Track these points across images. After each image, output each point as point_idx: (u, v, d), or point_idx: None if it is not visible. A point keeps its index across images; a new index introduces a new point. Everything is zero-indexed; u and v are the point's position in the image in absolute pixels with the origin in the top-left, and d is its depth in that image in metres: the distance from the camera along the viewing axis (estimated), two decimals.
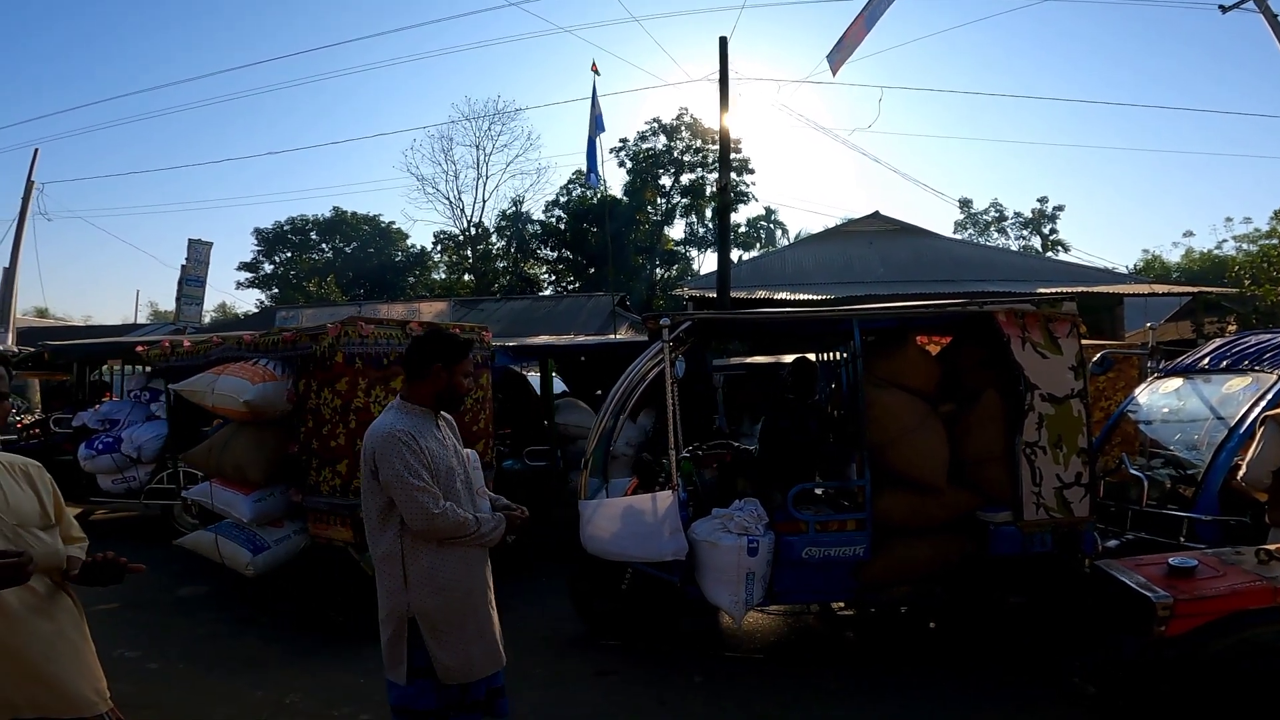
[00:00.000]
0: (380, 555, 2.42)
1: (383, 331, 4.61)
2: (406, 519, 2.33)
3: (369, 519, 2.44)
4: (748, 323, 5.81)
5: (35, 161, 17.01)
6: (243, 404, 4.45)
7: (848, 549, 4.09)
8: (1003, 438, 4.12)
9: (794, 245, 26.10)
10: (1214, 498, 4.15)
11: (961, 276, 17.93)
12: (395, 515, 2.36)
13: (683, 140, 31.44)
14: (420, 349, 2.50)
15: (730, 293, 13.18)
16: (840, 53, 9.97)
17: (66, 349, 8.67)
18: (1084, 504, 4.09)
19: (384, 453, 2.32)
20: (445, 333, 2.71)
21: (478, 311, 19.52)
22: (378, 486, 2.35)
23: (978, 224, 38.01)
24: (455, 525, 2.36)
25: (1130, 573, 2.83)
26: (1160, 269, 35.61)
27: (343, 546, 4.48)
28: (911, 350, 4.41)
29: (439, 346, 2.49)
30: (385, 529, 2.39)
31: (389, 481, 2.31)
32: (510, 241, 33.53)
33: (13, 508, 1.77)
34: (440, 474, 2.39)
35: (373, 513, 2.41)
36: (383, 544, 2.40)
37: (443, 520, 2.33)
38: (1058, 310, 4.18)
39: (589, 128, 12.37)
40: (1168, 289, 18.01)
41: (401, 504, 2.32)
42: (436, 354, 2.47)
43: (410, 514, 2.32)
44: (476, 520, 2.42)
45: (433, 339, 2.52)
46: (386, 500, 2.35)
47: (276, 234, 37.99)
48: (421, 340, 2.54)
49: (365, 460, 2.39)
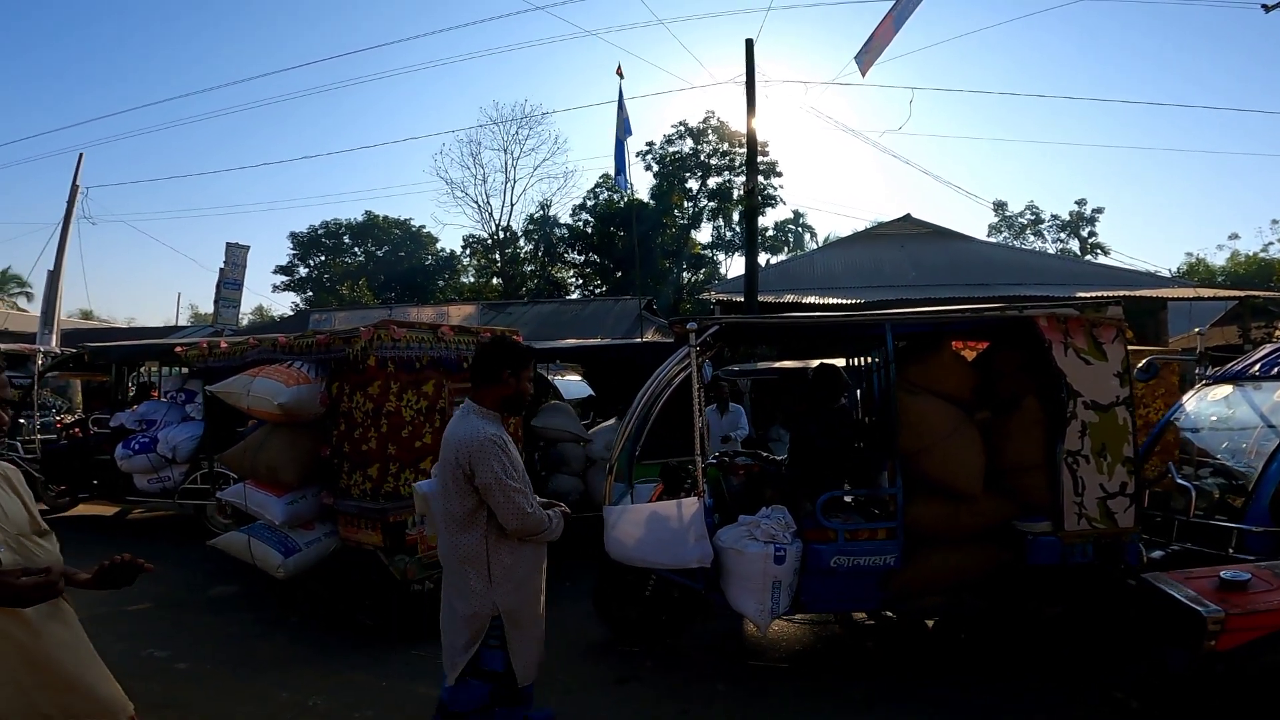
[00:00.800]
0: (463, 556, 2.53)
1: (414, 335, 4.64)
2: (502, 518, 2.47)
3: (452, 521, 2.55)
4: (776, 326, 5.74)
5: (80, 166, 17.49)
6: (277, 406, 4.51)
7: (878, 558, 4.00)
8: (1042, 446, 4.00)
9: (823, 248, 25.86)
10: (1265, 509, 3.98)
11: (996, 280, 17.53)
12: (481, 516, 2.50)
13: (709, 143, 31.38)
14: (490, 355, 2.66)
15: (758, 296, 13.08)
16: (869, 53, 9.83)
17: (105, 350, 8.90)
18: (1128, 514, 3.95)
19: (482, 456, 2.44)
20: (511, 340, 2.94)
21: (505, 315, 19.64)
22: (469, 489, 2.47)
23: (1013, 227, 37.37)
24: (538, 523, 2.53)
25: (1179, 585, 2.72)
26: (1205, 272, 34.59)
27: (372, 550, 4.50)
28: (946, 355, 4.31)
29: (507, 353, 2.67)
30: (471, 530, 2.52)
31: (488, 484, 2.44)
32: (538, 245, 33.74)
33: (11, 518, 1.76)
34: (520, 475, 2.55)
35: (459, 514, 2.52)
36: (466, 545, 2.52)
37: (532, 519, 2.50)
38: (1103, 315, 4.04)
39: (616, 130, 12.37)
40: (1213, 293, 17.44)
41: (500, 504, 2.45)
42: (505, 360, 2.64)
43: (507, 514, 2.46)
44: (549, 518, 2.59)
45: (501, 346, 2.71)
46: (476, 502, 2.49)
47: (311, 238, 38.72)
48: (490, 347, 2.71)
49: (455, 464, 2.50)
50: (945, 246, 19.54)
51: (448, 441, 2.55)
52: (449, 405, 4.80)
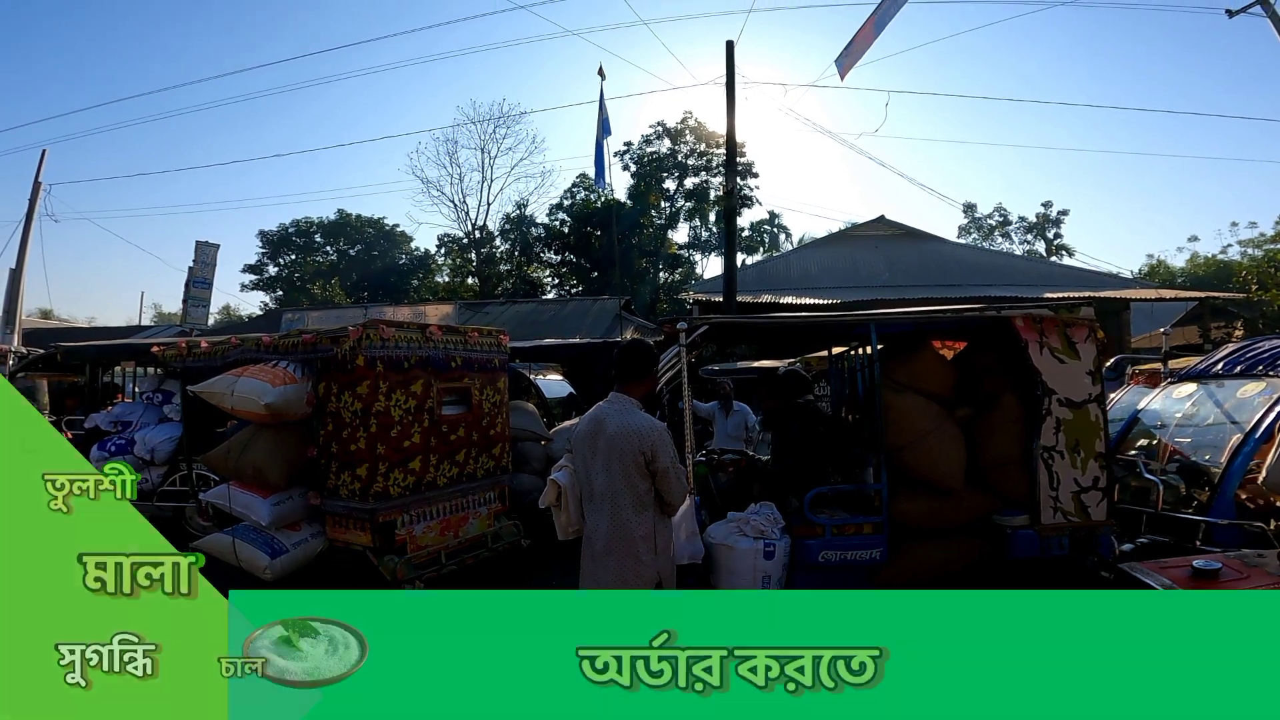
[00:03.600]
0: (640, 535, 2.89)
1: (403, 335, 4.64)
2: (676, 497, 2.94)
3: (628, 504, 2.89)
4: (762, 327, 5.83)
5: (43, 163, 17.06)
6: (263, 406, 4.47)
7: (864, 552, 4.10)
8: (1020, 442, 4.14)
9: (799, 249, 26.14)
10: (1229, 502, 4.17)
11: (967, 281, 17.94)
12: (652, 497, 2.91)
13: (687, 144, 31.51)
14: (642, 356, 3.07)
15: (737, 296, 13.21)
16: (849, 57, 10.01)
17: (80, 350, 8.68)
18: (1101, 508, 4.10)
19: (663, 443, 2.87)
20: (650, 343, 3.32)
21: (482, 314, 19.54)
22: (647, 473, 2.87)
23: (982, 228, 38.10)
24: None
25: (1155, 575, 2.85)
26: (1165, 274, 35.60)
27: (361, 550, 4.49)
28: (928, 354, 4.44)
29: (651, 355, 3.09)
30: (646, 510, 2.91)
31: (667, 468, 2.86)
32: (514, 245, 33.58)
33: None
34: None
35: (640, 497, 2.89)
36: (643, 524, 2.89)
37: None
38: (1076, 315, 4.19)
39: (596, 131, 12.44)
40: (1175, 294, 18.01)
41: (675, 485, 2.90)
42: (652, 360, 3.08)
43: (680, 493, 2.95)
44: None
45: (647, 348, 3.11)
46: (649, 484, 2.89)
47: (281, 236, 38.02)
48: (640, 348, 3.10)
49: (634, 452, 2.85)
50: (918, 247, 19.90)
51: (620, 432, 2.87)
52: (437, 405, 4.81)
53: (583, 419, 3.25)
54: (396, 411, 4.56)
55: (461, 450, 5.01)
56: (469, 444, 5.07)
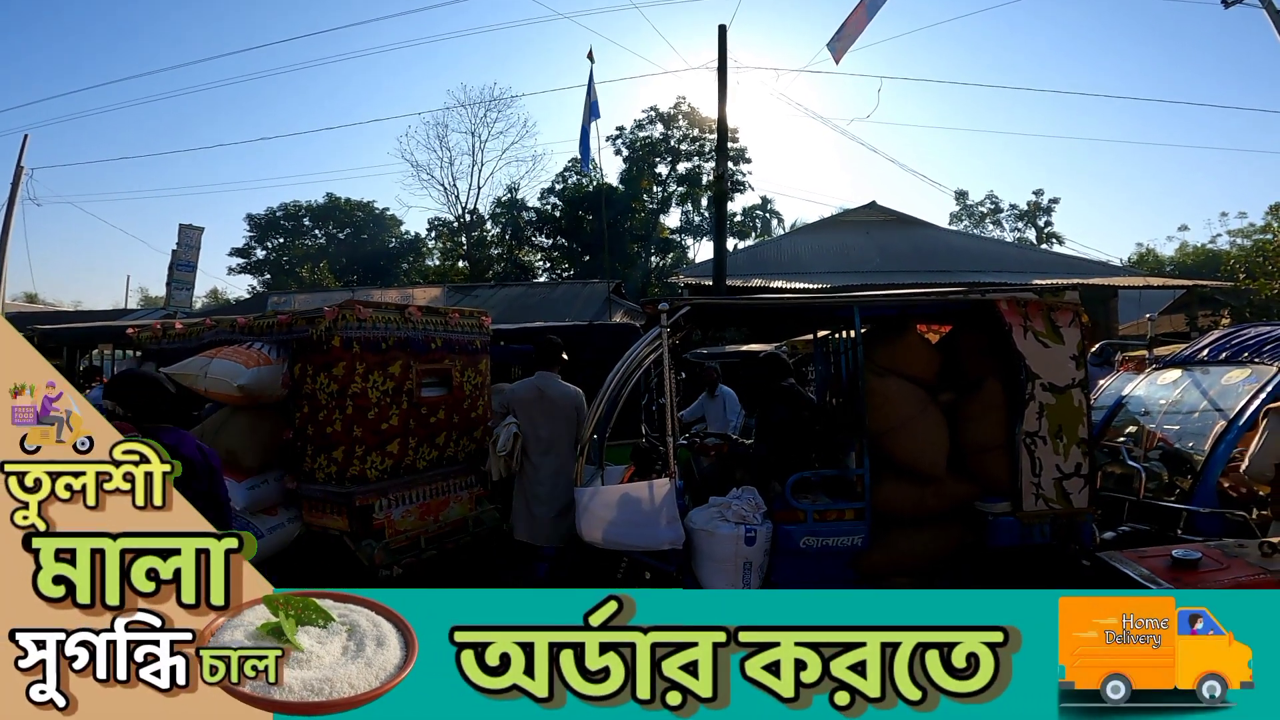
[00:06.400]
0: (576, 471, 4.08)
1: (380, 316, 4.55)
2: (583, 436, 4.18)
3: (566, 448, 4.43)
4: (746, 308, 5.77)
5: (25, 147, 16.84)
6: (237, 388, 4.38)
7: (846, 539, 4.07)
8: (1003, 427, 4.10)
9: (790, 234, 26.05)
10: (1212, 490, 4.16)
11: (957, 267, 17.93)
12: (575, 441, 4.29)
13: (679, 129, 31.23)
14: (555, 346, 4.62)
15: (727, 280, 13.15)
16: (842, 41, 9.90)
17: (57, 333, 8.57)
18: (1083, 495, 4.07)
19: (583, 402, 4.41)
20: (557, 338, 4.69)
21: (472, 298, 19.37)
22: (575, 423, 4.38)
23: (973, 215, 38.04)
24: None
25: (1133, 564, 2.82)
26: (1154, 262, 35.71)
27: (338, 535, 4.43)
28: (912, 338, 4.38)
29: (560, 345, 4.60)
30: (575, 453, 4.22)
31: (586, 417, 4.11)
32: (505, 228, 33.30)
33: None
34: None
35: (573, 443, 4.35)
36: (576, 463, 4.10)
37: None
38: (1060, 299, 4.14)
39: (584, 114, 12.28)
40: (1163, 282, 18.08)
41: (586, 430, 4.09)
42: (560, 349, 4.55)
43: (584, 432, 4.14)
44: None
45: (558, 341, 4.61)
46: (578, 432, 4.24)
47: (269, 220, 37.59)
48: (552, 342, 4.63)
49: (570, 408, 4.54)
50: (909, 233, 19.87)
51: (560, 396, 4.48)
52: (416, 387, 4.74)
53: (520, 386, 4.71)
54: (374, 393, 4.48)
55: (442, 433, 4.94)
56: (449, 426, 5.00)
